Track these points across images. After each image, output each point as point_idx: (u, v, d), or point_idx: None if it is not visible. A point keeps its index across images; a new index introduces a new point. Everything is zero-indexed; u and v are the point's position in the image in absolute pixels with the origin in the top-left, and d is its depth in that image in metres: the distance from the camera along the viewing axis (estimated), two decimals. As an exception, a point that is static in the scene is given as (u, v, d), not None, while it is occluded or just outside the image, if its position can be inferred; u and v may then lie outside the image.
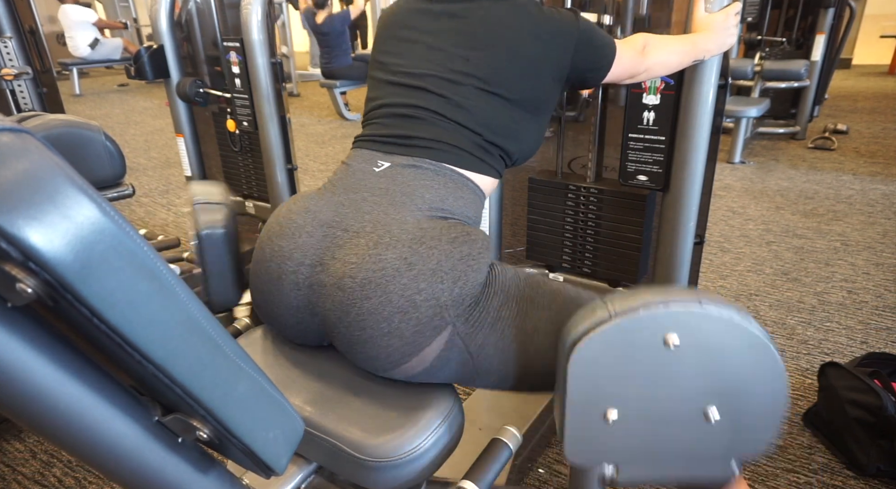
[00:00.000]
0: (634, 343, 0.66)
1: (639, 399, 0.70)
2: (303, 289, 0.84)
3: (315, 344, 0.93)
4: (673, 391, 0.69)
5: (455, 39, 0.94)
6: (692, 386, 0.68)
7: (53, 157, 0.39)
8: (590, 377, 0.69)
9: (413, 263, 0.77)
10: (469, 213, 0.91)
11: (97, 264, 0.39)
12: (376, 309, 0.76)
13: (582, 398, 0.70)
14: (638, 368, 0.68)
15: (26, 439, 1.56)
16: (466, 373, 0.83)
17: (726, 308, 0.65)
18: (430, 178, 0.89)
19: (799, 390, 1.68)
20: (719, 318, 0.65)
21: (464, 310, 0.79)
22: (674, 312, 0.65)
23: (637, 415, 0.71)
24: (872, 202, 3.12)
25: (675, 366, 0.67)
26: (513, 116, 0.95)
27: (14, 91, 2.51)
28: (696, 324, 0.65)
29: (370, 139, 0.96)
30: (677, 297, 0.65)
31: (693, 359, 0.66)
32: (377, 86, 1.01)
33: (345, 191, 0.89)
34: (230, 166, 2.20)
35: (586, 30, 0.96)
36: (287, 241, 0.85)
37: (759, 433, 0.70)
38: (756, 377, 0.67)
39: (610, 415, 0.70)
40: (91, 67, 8.46)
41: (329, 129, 5.31)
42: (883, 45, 7.46)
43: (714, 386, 0.68)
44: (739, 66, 4.08)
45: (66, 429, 0.46)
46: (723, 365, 0.67)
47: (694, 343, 0.65)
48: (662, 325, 0.65)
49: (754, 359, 0.66)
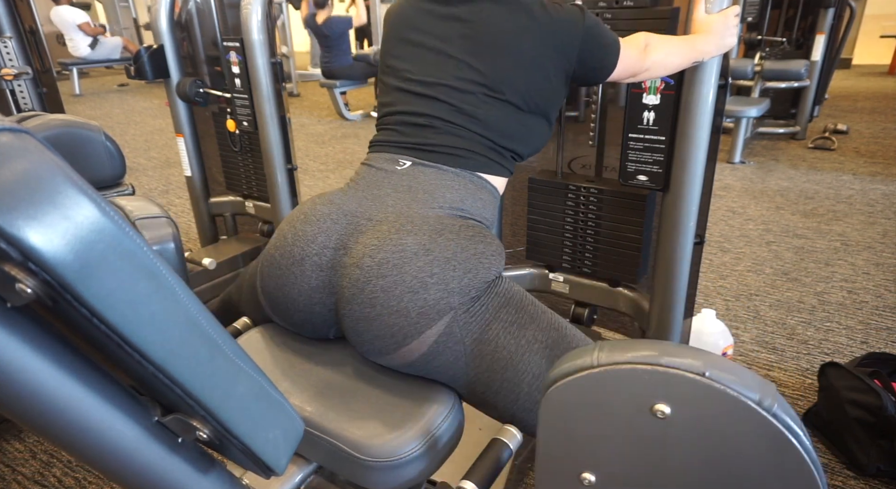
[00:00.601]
0: (616, 401, 0.56)
1: (620, 467, 0.59)
2: (325, 271, 0.87)
3: (319, 334, 0.93)
4: (662, 468, 0.58)
5: (462, 45, 0.95)
6: (687, 467, 0.56)
7: (53, 157, 0.38)
8: (564, 428, 0.60)
9: (431, 250, 0.81)
10: (486, 215, 0.95)
11: (97, 264, 0.39)
12: (389, 287, 0.79)
13: (554, 452, 0.62)
14: (619, 431, 0.57)
15: (26, 439, 1.56)
16: (458, 369, 0.84)
17: (741, 386, 0.50)
18: (451, 179, 0.92)
19: (799, 390, 1.68)
20: (728, 397, 0.50)
21: (468, 300, 0.82)
22: (668, 376, 0.52)
23: (618, 487, 0.61)
24: (872, 202, 3.11)
25: (666, 439, 0.56)
26: (522, 120, 0.97)
27: (14, 91, 2.51)
28: (696, 397, 0.52)
29: (388, 143, 0.99)
30: (678, 359, 0.53)
31: (689, 437, 0.54)
32: (388, 91, 1.03)
33: (368, 187, 0.93)
34: (230, 166, 2.20)
35: (592, 26, 0.96)
36: (312, 226, 0.88)
37: None
38: (777, 475, 0.53)
39: (585, 478, 0.61)
40: (91, 67, 8.46)
41: (329, 129, 5.30)
42: (883, 45, 7.45)
43: (716, 473, 0.55)
44: (739, 66, 4.08)
45: (66, 430, 0.46)
46: (729, 451, 0.53)
47: (691, 418, 0.53)
48: (651, 390, 0.54)
49: (774, 455, 0.51)
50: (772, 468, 0.52)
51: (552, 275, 1.65)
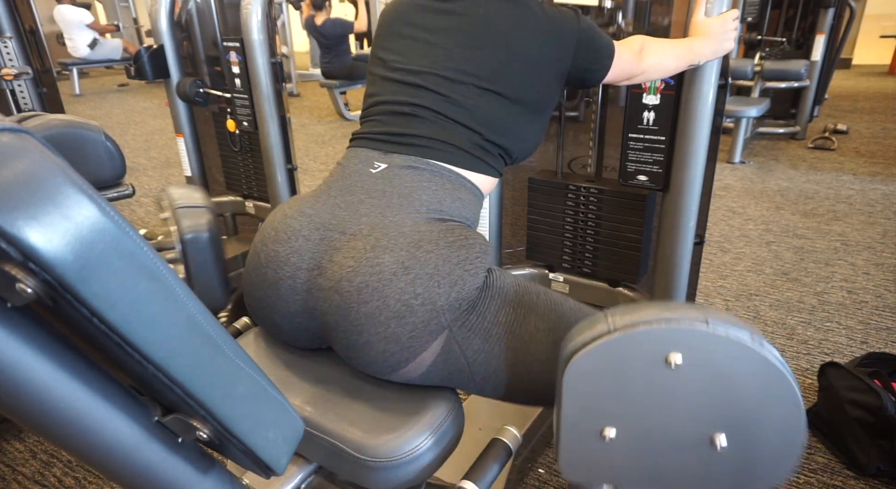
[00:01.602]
0: (634, 359, 0.63)
1: (639, 418, 0.66)
2: (301, 294, 0.83)
3: (313, 347, 0.92)
4: (676, 413, 0.65)
5: (456, 37, 0.94)
6: (697, 409, 0.64)
7: (53, 157, 0.38)
8: (586, 392, 0.66)
9: (410, 267, 0.76)
10: (467, 214, 0.90)
11: (97, 264, 0.39)
12: (373, 313, 0.76)
13: (578, 413, 0.67)
14: (638, 386, 0.64)
15: (26, 439, 1.56)
16: (463, 379, 0.83)
17: (736, 328, 0.60)
18: (428, 179, 0.88)
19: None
20: (727, 339, 0.60)
21: (460, 315, 0.79)
22: (677, 330, 0.61)
23: (637, 436, 0.67)
24: (872, 202, 3.11)
25: (678, 387, 0.63)
26: (512, 115, 0.95)
27: (14, 91, 2.51)
28: (702, 344, 0.61)
29: (368, 137, 0.95)
30: (683, 314, 0.61)
31: (698, 382, 0.62)
32: (376, 82, 1.00)
33: (341, 193, 0.88)
34: (230, 166, 2.20)
35: (587, 29, 0.96)
36: (283, 245, 0.84)
37: (773, 466, 0.65)
38: (769, 406, 0.62)
39: (607, 434, 0.67)
40: (91, 67, 8.46)
41: (329, 129, 5.31)
42: (883, 45, 7.46)
43: (721, 411, 0.63)
44: (739, 66, 4.08)
45: (66, 429, 0.46)
46: (731, 390, 0.62)
47: (699, 364, 0.61)
48: (664, 343, 0.61)
49: (767, 386, 0.61)
50: (762, 393, 0.61)
51: (552, 276, 1.65)
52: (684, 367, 0.61)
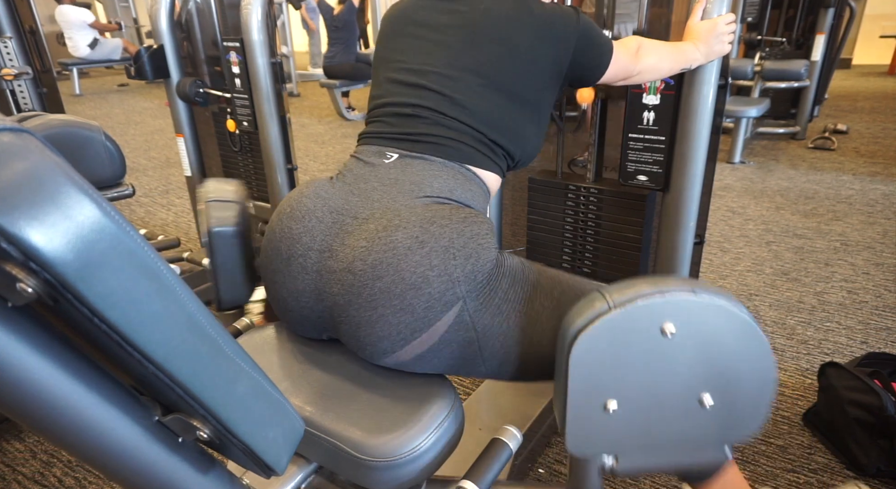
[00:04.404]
0: (633, 333, 0.68)
1: (638, 388, 0.71)
2: (310, 274, 0.85)
3: (314, 335, 0.93)
4: (671, 379, 0.71)
5: (457, 34, 0.95)
6: (689, 373, 0.70)
7: (54, 157, 0.39)
8: (590, 368, 0.70)
9: (425, 241, 0.78)
10: (476, 204, 0.93)
11: (97, 264, 0.39)
12: (388, 288, 0.77)
13: (582, 389, 0.71)
14: (637, 358, 0.70)
15: (26, 439, 1.56)
16: (469, 355, 0.83)
17: (718, 295, 0.68)
18: (439, 169, 0.90)
19: (799, 390, 1.68)
20: (711, 305, 0.68)
21: (475, 287, 0.81)
22: (670, 301, 0.67)
23: (636, 405, 0.72)
24: (872, 202, 3.12)
25: (673, 353, 0.69)
26: (512, 114, 0.96)
27: (14, 91, 2.51)
28: (691, 311, 0.68)
29: (376, 136, 0.97)
30: (673, 287, 0.68)
31: (689, 347, 0.69)
32: (380, 83, 1.02)
33: (355, 180, 0.91)
34: (230, 166, 2.20)
35: (587, 28, 0.97)
36: (297, 223, 0.87)
37: (750, 417, 0.73)
38: (745, 360, 0.70)
39: (610, 406, 0.72)
40: (91, 67, 8.46)
41: (329, 129, 5.31)
42: (883, 45, 7.46)
43: (708, 371, 0.70)
44: (739, 66, 4.08)
45: (67, 429, 0.46)
46: (716, 350, 0.69)
47: (689, 330, 0.68)
48: (660, 314, 0.67)
49: (743, 341, 0.69)
50: (740, 348, 0.70)
51: (552, 275, 1.65)
52: (678, 335, 0.68)
